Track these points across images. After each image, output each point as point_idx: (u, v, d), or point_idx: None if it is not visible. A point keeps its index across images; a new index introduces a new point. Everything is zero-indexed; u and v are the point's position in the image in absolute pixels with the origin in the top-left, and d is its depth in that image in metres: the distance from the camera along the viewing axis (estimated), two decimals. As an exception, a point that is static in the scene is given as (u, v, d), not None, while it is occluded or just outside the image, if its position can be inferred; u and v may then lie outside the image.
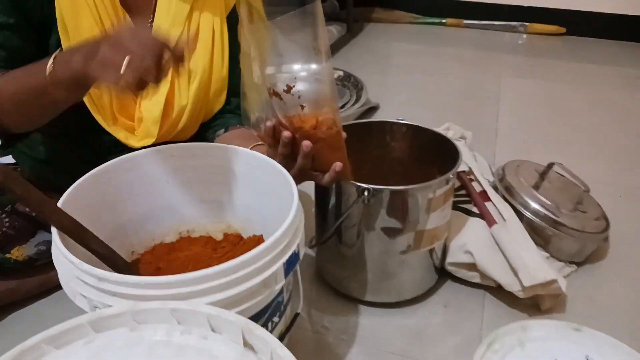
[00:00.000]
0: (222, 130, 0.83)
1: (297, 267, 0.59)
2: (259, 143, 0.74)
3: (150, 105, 0.76)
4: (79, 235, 0.54)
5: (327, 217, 0.79)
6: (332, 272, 0.85)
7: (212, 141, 0.84)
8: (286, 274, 0.55)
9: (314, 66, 1.49)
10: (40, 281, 0.80)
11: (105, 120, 0.75)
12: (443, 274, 0.87)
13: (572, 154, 1.28)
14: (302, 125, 0.64)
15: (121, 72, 0.51)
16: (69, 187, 0.61)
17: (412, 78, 1.79)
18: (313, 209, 0.84)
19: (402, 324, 0.80)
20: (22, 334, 0.76)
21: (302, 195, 0.63)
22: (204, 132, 0.85)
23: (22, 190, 0.51)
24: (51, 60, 0.59)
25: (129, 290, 0.48)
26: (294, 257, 0.56)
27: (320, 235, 0.83)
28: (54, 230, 0.53)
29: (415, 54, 2.03)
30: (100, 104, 0.74)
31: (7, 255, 0.75)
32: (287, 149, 0.66)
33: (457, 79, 1.78)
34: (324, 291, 0.86)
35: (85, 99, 0.73)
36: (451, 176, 0.74)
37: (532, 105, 1.58)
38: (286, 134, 0.64)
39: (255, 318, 0.56)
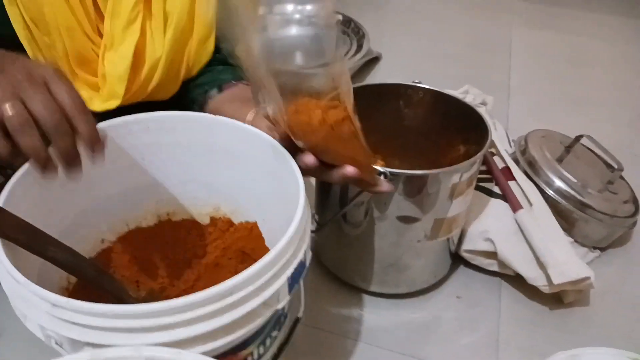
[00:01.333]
0: (215, 90, 0.69)
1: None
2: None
3: (116, 57, 0.62)
4: (31, 243, 0.43)
5: (330, 197, 0.68)
6: (332, 256, 0.75)
7: (202, 104, 0.69)
8: (290, 289, 0.45)
9: (309, 7, 1.28)
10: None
11: None
12: (456, 259, 0.78)
13: (595, 118, 1.17)
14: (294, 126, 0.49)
15: None
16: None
17: (415, 25, 1.64)
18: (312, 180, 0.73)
19: (411, 318, 0.71)
20: None
21: None
22: (190, 90, 0.71)
23: None
24: None
25: (92, 321, 0.37)
26: (301, 267, 0.46)
27: (322, 217, 0.72)
28: (-6, 238, 0.42)
29: (418, -2, 1.86)
30: (51, 55, 0.60)
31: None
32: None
33: (464, 27, 1.63)
34: (322, 278, 0.76)
35: (31, 52, 0.59)
36: (479, 158, 0.63)
37: (548, 60, 1.44)
38: (309, 160, 0.50)
39: (251, 339, 0.46)
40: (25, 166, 0.49)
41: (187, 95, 0.71)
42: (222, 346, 0.41)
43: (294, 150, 0.51)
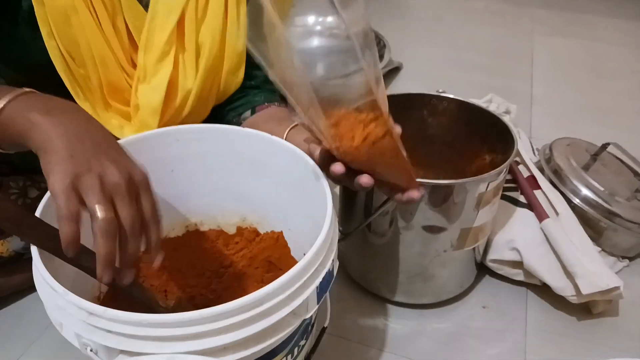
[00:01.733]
0: (249, 112, 0.70)
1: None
2: (295, 124, 0.60)
3: (149, 90, 0.62)
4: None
5: (355, 207, 0.68)
6: (357, 266, 0.75)
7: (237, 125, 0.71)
8: (319, 298, 0.45)
9: (330, 19, 1.29)
10: (28, 276, 0.70)
11: (95, 108, 0.62)
12: (482, 269, 0.77)
13: (619, 126, 1.16)
14: (337, 146, 0.47)
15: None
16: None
17: (435, 34, 1.64)
18: (336, 186, 0.73)
19: (438, 328, 0.71)
20: (8, 335, 0.68)
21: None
22: (224, 114, 0.71)
23: None
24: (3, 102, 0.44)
25: (127, 330, 0.38)
26: (329, 277, 0.46)
27: (347, 226, 0.72)
28: (33, 248, 0.43)
29: (439, 7, 1.85)
30: (87, 87, 0.61)
31: (-8, 251, 0.65)
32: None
33: (485, 36, 1.62)
34: (347, 288, 0.76)
35: (68, 83, 0.60)
36: (506, 167, 0.63)
37: (570, 69, 1.43)
38: (338, 169, 0.49)
39: (280, 348, 0.47)
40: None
41: (222, 120, 0.71)
42: (252, 355, 0.41)
43: (326, 157, 0.51)
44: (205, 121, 0.69)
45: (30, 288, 0.72)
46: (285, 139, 0.58)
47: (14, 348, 0.67)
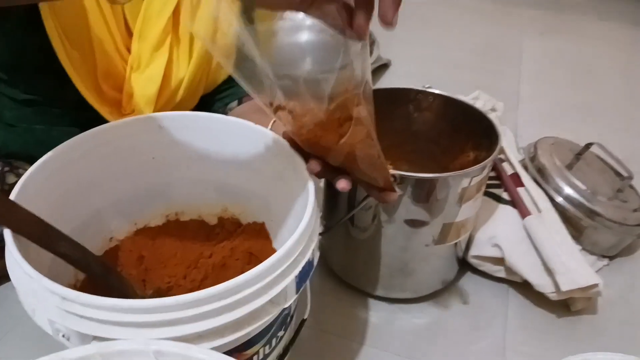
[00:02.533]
0: (235, 102, 0.70)
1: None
2: None
3: (144, 80, 0.62)
4: (42, 238, 0.43)
5: (338, 200, 0.68)
6: (339, 260, 0.75)
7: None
8: (298, 288, 0.45)
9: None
10: (2, 265, 0.69)
11: (87, 89, 0.61)
12: (463, 265, 0.78)
13: (605, 126, 1.17)
14: (317, 141, 0.47)
15: None
16: (39, 157, 0.50)
17: (425, 32, 1.64)
18: (320, 181, 0.73)
19: (417, 323, 0.71)
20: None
21: None
22: (211, 104, 0.71)
23: None
24: None
25: (101, 315, 0.38)
26: (308, 267, 0.46)
27: (330, 219, 0.72)
28: (6, 231, 0.42)
29: (429, 5, 1.85)
30: (83, 68, 0.61)
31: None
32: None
33: (474, 35, 1.63)
34: (328, 281, 0.76)
35: (65, 62, 0.59)
36: (489, 163, 0.63)
37: (558, 68, 1.44)
38: (314, 167, 0.49)
39: (258, 337, 0.46)
40: (38, 163, 0.49)
41: (209, 109, 0.71)
42: (229, 343, 0.41)
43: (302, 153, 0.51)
44: (193, 110, 0.69)
45: (3, 277, 0.71)
46: (271, 129, 0.58)
47: (-12, 337, 0.66)
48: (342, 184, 0.48)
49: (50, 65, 0.59)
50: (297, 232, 0.43)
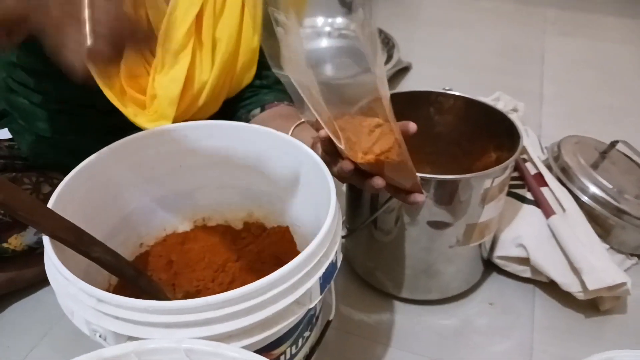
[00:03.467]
0: (258, 109, 0.71)
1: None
2: (301, 121, 0.62)
3: (167, 81, 0.64)
4: (77, 243, 0.45)
5: (361, 204, 0.69)
6: (363, 263, 0.76)
7: (246, 122, 0.72)
8: (322, 289, 0.46)
9: (339, 20, 1.31)
10: (41, 269, 0.72)
11: (112, 92, 0.64)
12: (489, 266, 0.77)
13: (629, 125, 1.15)
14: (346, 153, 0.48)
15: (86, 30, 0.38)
16: (71, 167, 0.52)
17: (445, 34, 1.64)
18: (342, 184, 0.74)
19: (443, 325, 0.71)
20: (22, 327, 0.71)
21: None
22: (234, 111, 0.73)
23: (5, 194, 0.41)
24: None
25: (135, 316, 0.39)
26: (332, 268, 0.47)
27: (352, 222, 0.73)
28: (45, 238, 0.44)
29: (448, 7, 1.86)
30: (108, 71, 0.63)
31: (5, 245, 0.67)
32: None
33: (495, 36, 1.62)
34: (353, 284, 0.77)
35: (90, 65, 0.62)
36: (511, 163, 0.63)
37: (581, 68, 1.42)
38: (347, 167, 0.49)
39: (285, 337, 0.47)
40: (71, 174, 0.52)
41: (232, 115, 0.73)
42: (257, 342, 0.42)
43: (333, 155, 0.52)
44: (216, 115, 0.71)
45: (43, 282, 0.74)
46: (291, 136, 0.59)
47: (28, 339, 0.69)
48: (378, 181, 0.48)
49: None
50: (320, 235, 0.44)
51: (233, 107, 0.73)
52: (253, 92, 0.73)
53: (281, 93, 0.74)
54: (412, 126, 0.50)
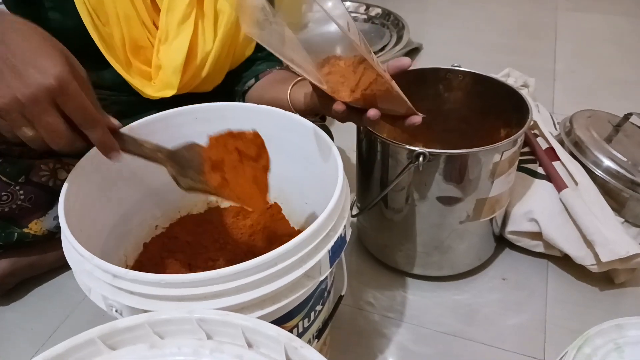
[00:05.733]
0: (252, 80, 0.73)
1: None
2: (299, 79, 0.64)
3: (171, 51, 0.66)
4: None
5: (371, 182, 0.70)
6: (375, 241, 0.76)
7: (243, 95, 0.74)
8: (331, 262, 0.46)
9: (348, 3, 1.31)
10: (62, 254, 0.74)
11: (119, 63, 0.66)
12: (501, 242, 0.78)
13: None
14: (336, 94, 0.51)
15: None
16: (86, 152, 0.54)
17: (455, 14, 1.62)
18: (354, 164, 0.74)
19: (456, 300, 0.72)
20: (44, 310, 0.73)
21: (340, 151, 0.53)
22: (233, 84, 0.74)
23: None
24: None
25: (148, 290, 0.40)
26: (340, 242, 0.48)
27: (363, 201, 0.74)
28: (61, 218, 0.45)
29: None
30: (111, 43, 0.65)
31: (25, 230, 0.69)
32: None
33: (506, 13, 1.60)
34: (366, 262, 0.78)
35: (97, 40, 0.64)
36: (520, 137, 0.63)
37: (594, 43, 1.40)
38: (339, 107, 0.51)
39: (296, 310, 0.48)
40: (84, 158, 0.53)
41: (229, 88, 0.75)
42: (268, 315, 0.43)
43: (327, 100, 0.53)
44: (219, 87, 0.72)
45: (64, 265, 0.76)
46: (289, 96, 0.62)
47: (50, 322, 0.71)
48: (372, 112, 0.51)
49: (86, 49, 0.63)
50: (328, 208, 0.45)
51: (230, 80, 0.74)
52: (247, 65, 0.75)
53: (273, 61, 0.76)
54: (406, 60, 0.53)
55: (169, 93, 0.67)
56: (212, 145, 0.51)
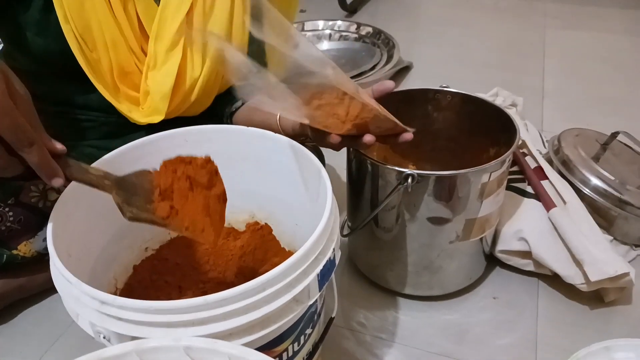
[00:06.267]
0: (239, 102, 0.73)
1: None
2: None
3: (160, 77, 0.66)
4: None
5: (361, 202, 0.70)
6: (366, 260, 0.76)
7: (230, 117, 0.74)
8: (320, 285, 0.47)
9: (339, 22, 1.33)
10: (50, 276, 0.73)
11: (106, 89, 0.66)
12: (491, 261, 0.78)
13: (631, 117, 1.15)
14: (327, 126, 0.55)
15: None
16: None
17: (445, 33, 1.64)
18: (345, 182, 0.75)
19: (447, 320, 0.72)
20: (33, 333, 0.72)
21: (329, 170, 0.54)
22: (220, 107, 0.75)
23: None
24: None
25: (136, 316, 0.40)
26: (330, 265, 0.48)
27: (354, 220, 0.74)
28: (49, 243, 0.46)
29: (448, 5, 1.86)
30: (98, 69, 0.65)
31: (15, 252, 0.69)
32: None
33: (495, 32, 1.62)
34: (356, 282, 0.78)
35: (84, 65, 0.64)
36: (508, 157, 0.63)
37: (583, 61, 1.42)
38: (335, 139, 0.55)
39: (286, 334, 0.48)
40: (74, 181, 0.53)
41: (215, 110, 0.75)
42: (257, 340, 0.43)
43: (320, 133, 0.56)
44: (207, 111, 0.73)
45: (53, 288, 0.75)
46: (279, 121, 0.63)
47: (38, 345, 0.70)
48: (368, 138, 0.55)
49: (73, 72, 0.63)
50: (317, 232, 0.45)
51: (217, 102, 0.75)
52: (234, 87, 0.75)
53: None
54: (390, 84, 0.58)
55: (157, 119, 0.67)
56: (162, 172, 0.49)
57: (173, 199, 0.48)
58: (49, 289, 0.76)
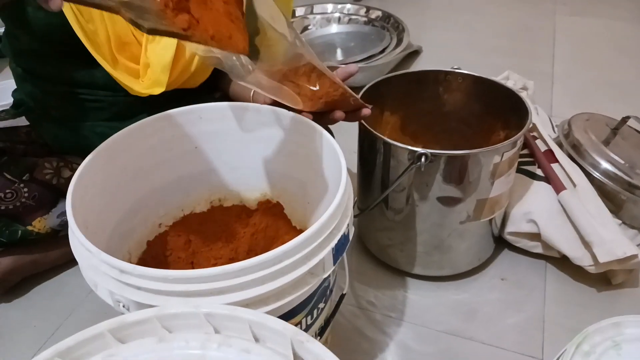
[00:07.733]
0: None
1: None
2: None
3: (159, 49, 0.66)
4: None
5: (372, 183, 0.70)
6: (376, 241, 0.77)
7: (229, 88, 0.74)
8: (335, 260, 0.47)
9: (348, 6, 1.33)
10: (64, 251, 0.75)
11: (105, 60, 0.66)
12: (500, 243, 0.78)
13: (640, 103, 1.15)
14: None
15: None
16: (89, 151, 0.54)
17: (455, 18, 1.63)
18: (354, 166, 0.75)
19: (456, 299, 0.73)
20: (47, 307, 0.74)
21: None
22: (220, 78, 0.75)
23: None
24: None
25: (155, 285, 0.41)
26: (344, 240, 0.48)
27: (364, 202, 0.74)
28: (69, 214, 0.46)
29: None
30: (96, 40, 0.65)
31: (29, 228, 0.70)
32: None
33: (505, 17, 1.61)
34: (367, 262, 0.79)
35: (80, 34, 0.63)
36: (520, 138, 0.63)
37: (592, 47, 1.42)
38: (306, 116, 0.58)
39: (300, 307, 0.49)
40: (90, 157, 0.53)
41: (212, 84, 0.75)
42: (272, 311, 0.44)
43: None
44: (205, 82, 0.73)
45: (67, 263, 0.77)
46: (253, 96, 0.65)
47: (53, 319, 0.71)
48: (339, 114, 0.59)
49: (77, 48, 0.63)
50: (332, 206, 0.46)
51: (214, 76, 0.75)
52: None
53: None
54: (353, 67, 0.61)
55: (158, 90, 0.67)
56: None
57: (190, 9, 0.41)
58: (62, 265, 0.77)
